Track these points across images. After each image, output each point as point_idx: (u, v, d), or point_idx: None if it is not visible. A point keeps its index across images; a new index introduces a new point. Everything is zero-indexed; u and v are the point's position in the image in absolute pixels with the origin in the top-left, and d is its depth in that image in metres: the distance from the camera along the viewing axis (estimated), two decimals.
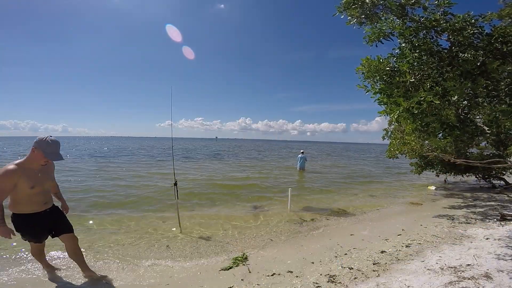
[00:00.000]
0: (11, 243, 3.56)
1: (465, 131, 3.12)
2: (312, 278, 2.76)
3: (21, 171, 2.26)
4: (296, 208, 6.24)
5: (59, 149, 2.42)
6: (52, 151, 2.34)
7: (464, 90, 2.79)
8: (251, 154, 29.04)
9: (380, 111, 3.62)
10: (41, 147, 2.30)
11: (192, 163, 17.87)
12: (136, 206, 6.23)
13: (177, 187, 4.50)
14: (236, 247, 3.90)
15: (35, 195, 2.37)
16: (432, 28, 3.01)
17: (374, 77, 3.37)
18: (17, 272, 3.00)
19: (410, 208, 6.59)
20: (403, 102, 2.92)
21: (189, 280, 2.86)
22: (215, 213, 5.82)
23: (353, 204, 6.92)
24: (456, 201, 7.23)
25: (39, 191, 2.39)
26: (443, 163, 9.42)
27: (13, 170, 2.22)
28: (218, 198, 7.37)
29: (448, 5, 2.90)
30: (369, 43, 3.34)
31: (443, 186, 10.03)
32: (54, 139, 2.37)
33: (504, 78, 2.93)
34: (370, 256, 3.33)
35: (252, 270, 3.02)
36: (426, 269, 2.82)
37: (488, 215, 5.37)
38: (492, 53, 2.86)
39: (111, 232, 4.43)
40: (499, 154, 8.16)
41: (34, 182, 2.32)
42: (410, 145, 7.97)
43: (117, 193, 7.65)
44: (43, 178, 2.42)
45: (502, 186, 9.44)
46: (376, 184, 10.90)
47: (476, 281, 2.46)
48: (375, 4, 3.25)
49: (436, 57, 3.05)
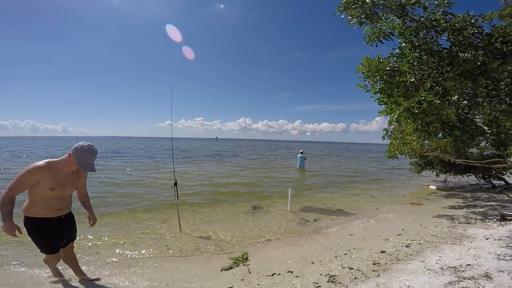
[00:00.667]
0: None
1: (465, 131, 3.12)
2: (312, 278, 2.75)
3: (49, 170, 2.21)
4: (296, 208, 6.24)
5: (94, 159, 2.33)
6: (86, 161, 2.27)
7: (464, 90, 2.79)
8: (251, 154, 29.03)
9: (380, 111, 3.61)
10: (78, 154, 2.24)
11: (192, 163, 17.87)
12: (136, 206, 6.22)
13: (177, 187, 4.49)
14: (236, 247, 3.90)
15: (51, 199, 2.28)
16: (432, 28, 3.00)
17: (374, 77, 3.37)
18: (18, 272, 3.00)
19: (410, 208, 6.59)
20: (403, 101, 2.92)
21: (189, 280, 2.86)
22: (215, 213, 5.81)
23: (353, 204, 6.92)
24: (456, 201, 7.23)
25: (58, 195, 2.30)
26: (443, 163, 9.42)
27: (40, 166, 2.18)
28: (218, 198, 7.37)
29: (448, 5, 2.90)
30: (369, 43, 3.33)
31: (443, 186, 10.03)
32: (93, 148, 2.31)
33: (504, 78, 2.93)
34: (370, 256, 3.33)
35: (252, 270, 3.02)
36: (426, 269, 2.82)
37: (488, 215, 5.37)
38: (492, 53, 2.86)
39: (111, 232, 4.43)
40: (499, 154, 8.16)
41: (57, 184, 2.25)
42: (410, 145, 7.96)
43: (116, 193, 7.65)
44: (67, 183, 2.33)
45: (502, 186, 9.44)
46: (376, 184, 10.90)
47: (476, 281, 2.46)
48: (376, 3, 3.24)
49: (436, 56, 3.05)
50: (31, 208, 2.26)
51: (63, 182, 2.29)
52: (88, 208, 2.68)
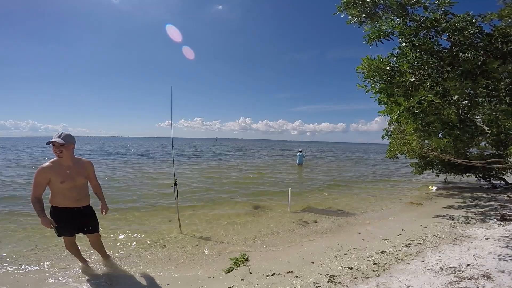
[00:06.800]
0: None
1: (465, 131, 3.11)
2: (312, 278, 2.75)
3: (53, 168, 2.58)
4: (296, 208, 6.24)
5: (55, 137, 2.59)
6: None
7: (464, 90, 2.78)
8: (251, 154, 29.04)
9: (380, 111, 3.61)
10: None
11: (193, 163, 17.87)
12: (135, 206, 6.23)
13: (177, 187, 4.49)
14: (236, 247, 3.90)
15: (67, 190, 2.64)
16: (433, 27, 3.00)
17: (374, 77, 3.36)
18: (18, 272, 3.00)
19: (410, 208, 6.59)
20: (403, 101, 2.91)
21: (189, 280, 2.86)
22: (215, 213, 5.81)
23: (353, 204, 6.92)
24: (456, 201, 7.23)
25: (71, 186, 2.65)
26: (443, 163, 9.42)
27: (45, 167, 2.58)
28: (218, 198, 7.36)
29: (449, 4, 2.89)
30: (368, 43, 3.33)
31: (443, 186, 10.03)
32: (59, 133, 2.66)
33: (504, 78, 2.92)
34: (370, 256, 3.33)
35: (252, 270, 3.02)
36: (426, 269, 2.82)
37: (488, 215, 5.37)
38: (493, 53, 2.85)
39: (110, 233, 4.42)
40: (499, 154, 8.16)
41: (64, 177, 2.60)
42: (410, 145, 7.96)
43: (116, 192, 7.65)
44: (72, 174, 2.66)
45: (502, 186, 9.44)
46: (376, 184, 10.90)
47: (476, 281, 2.45)
48: (376, 3, 3.24)
49: (437, 56, 3.04)
50: (54, 198, 2.67)
51: (69, 174, 2.64)
52: (101, 199, 3.03)
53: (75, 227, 2.80)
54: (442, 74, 3.01)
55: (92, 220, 2.91)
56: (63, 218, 2.68)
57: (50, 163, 2.61)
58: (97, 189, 3.02)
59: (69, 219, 2.70)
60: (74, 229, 2.80)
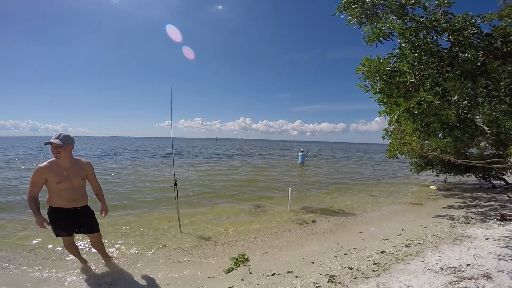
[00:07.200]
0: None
1: (465, 131, 3.11)
2: (312, 278, 2.76)
3: (50, 168, 2.60)
4: (296, 208, 6.24)
5: (53, 138, 2.60)
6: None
7: (464, 90, 2.78)
8: (251, 154, 29.03)
9: (380, 111, 3.61)
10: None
11: (193, 163, 17.87)
12: (136, 206, 6.24)
13: (177, 187, 4.49)
14: (236, 247, 3.90)
15: (63, 191, 2.64)
16: (432, 28, 3.00)
17: (374, 77, 3.36)
18: (18, 272, 3.01)
19: (410, 208, 6.59)
20: (403, 102, 2.92)
21: (189, 280, 2.86)
22: (215, 213, 5.81)
23: (353, 204, 6.92)
24: (456, 201, 7.23)
25: (68, 187, 2.65)
26: (443, 163, 9.42)
27: (41, 167, 2.59)
28: (218, 198, 7.36)
29: (448, 4, 2.89)
30: (368, 43, 3.33)
31: (443, 186, 10.02)
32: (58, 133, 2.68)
33: (504, 78, 2.92)
34: (370, 256, 3.33)
35: (252, 270, 3.02)
36: (426, 269, 2.82)
37: (488, 215, 5.37)
38: (493, 53, 2.85)
39: (110, 232, 4.42)
40: (499, 154, 8.16)
41: (61, 178, 2.61)
42: (410, 145, 7.96)
43: (115, 192, 7.66)
44: (70, 175, 2.67)
45: (502, 186, 9.44)
46: (376, 184, 10.90)
47: (476, 281, 2.46)
48: (375, 3, 3.24)
49: (436, 57, 3.04)
50: (51, 198, 2.69)
51: (66, 175, 2.64)
52: (101, 200, 3.03)
53: (71, 227, 2.80)
54: (442, 75, 3.01)
55: (90, 220, 2.90)
56: (60, 218, 2.70)
57: (48, 163, 2.61)
58: (97, 191, 3.02)
59: (65, 219, 2.72)
60: (71, 229, 2.80)
